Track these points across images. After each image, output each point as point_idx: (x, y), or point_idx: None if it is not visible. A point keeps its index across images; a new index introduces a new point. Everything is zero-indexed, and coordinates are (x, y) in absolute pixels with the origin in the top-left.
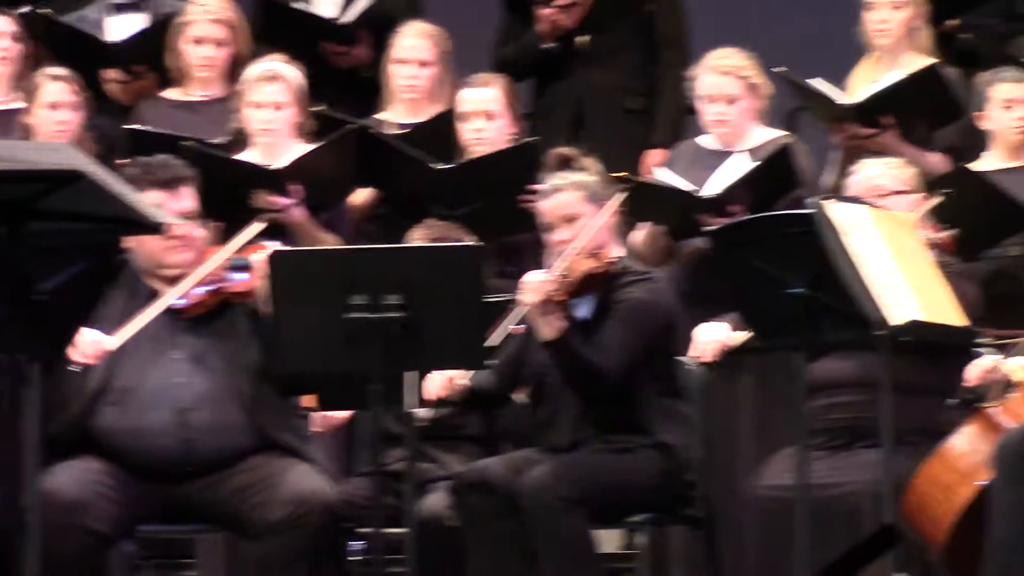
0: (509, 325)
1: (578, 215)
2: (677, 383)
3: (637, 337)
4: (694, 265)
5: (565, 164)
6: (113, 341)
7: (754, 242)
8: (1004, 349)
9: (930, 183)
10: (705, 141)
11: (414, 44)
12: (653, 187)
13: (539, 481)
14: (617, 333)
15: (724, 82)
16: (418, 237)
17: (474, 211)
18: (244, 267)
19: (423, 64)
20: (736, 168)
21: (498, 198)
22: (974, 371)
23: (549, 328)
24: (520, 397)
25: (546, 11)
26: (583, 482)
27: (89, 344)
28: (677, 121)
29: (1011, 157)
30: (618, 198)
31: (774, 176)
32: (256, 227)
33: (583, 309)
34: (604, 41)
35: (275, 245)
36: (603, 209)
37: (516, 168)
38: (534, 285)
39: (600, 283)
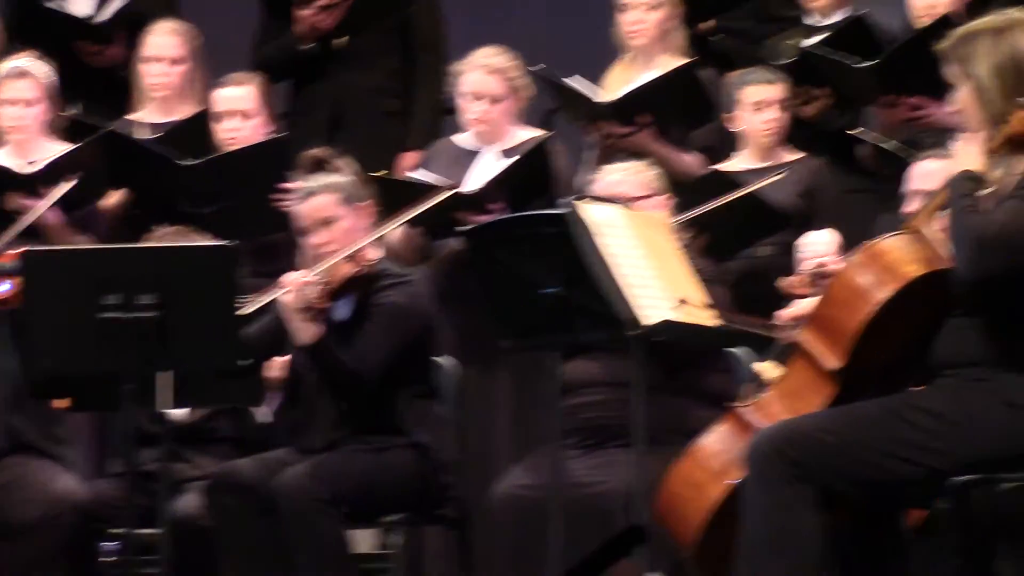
0: (264, 299)
1: (334, 217)
2: (433, 383)
3: (394, 341)
4: (450, 265)
5: (318, 166)
6: None
7: (508, 242)
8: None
9: (682, 185)
10: (463, 140)
11: (163, 42)
12: (408, 185)
13: (294, 482)
14: (374, 337)
15: (489, 81)
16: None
17: (223, 209)
18: (5, 273)
19: (173, 62)
20: (492, 166)
21: (248, 196)
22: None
23: (306, 332)
24: (263, 413)
25: (305, 12)
26: (338, 482)
27: None
28: (434, 123)
29: (761, 158)
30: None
31: (530, 174)
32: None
33: (341, 311)
34: (362, 43)
35: None
36: (358, 210)
37: (265, 165)
38: (294, 286)
39: (359, 285)
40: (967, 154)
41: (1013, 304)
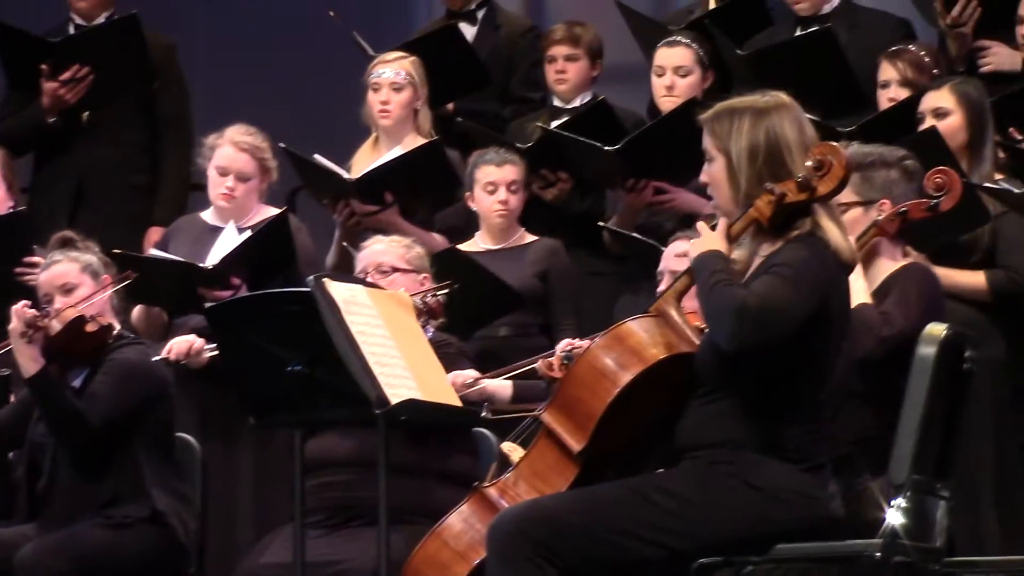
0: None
1: (75, 284)
2: (175, 457)
3: (124, 394)
4: None
5: (67, 244)
6: None
7: (253, 319)
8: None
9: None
10: (208, 216)
11: None
12: (150, 262)
13: (32, 558)
14: (104, 386)
15: (238, 157)
16: None
17: None
18: None
19: None
20: (231, 241)
21: None
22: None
23: (33, 363)
24: None
25: (49, 85)
26: (76, 558)
27: None
28: (180, 198)
29: (497, 240)
30: (119, 276)
31: (270, 250)
32: None
33: (77, 380)
34: (108, 117)
35: None
36: (100, 282)
37: (7, 239)
38: (20, 314)
39: (93, 351)
40: (709, 235)
41: (753, 387)
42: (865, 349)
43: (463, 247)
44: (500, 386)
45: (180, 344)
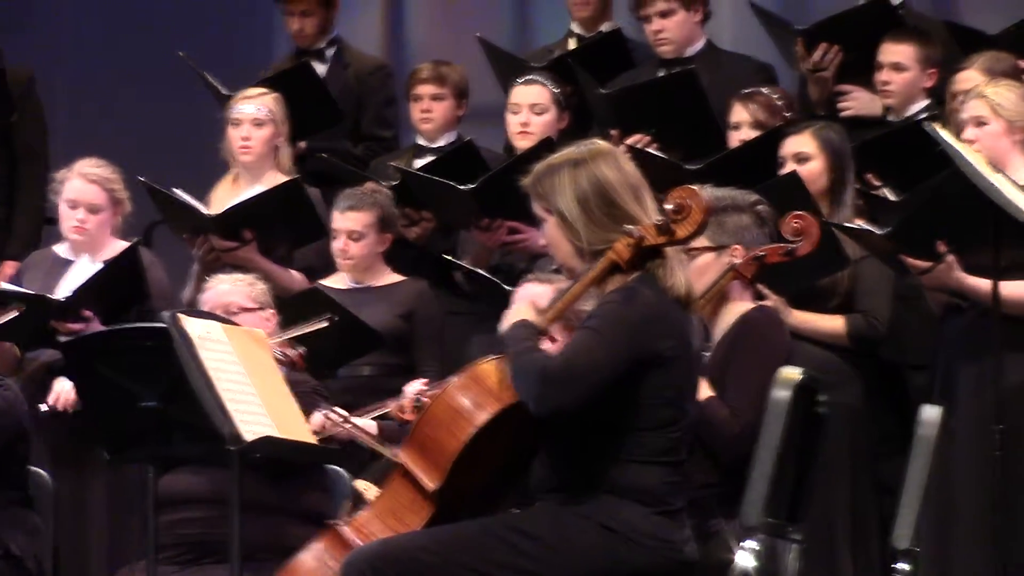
0: None
1: None
2: (27, 491)
3: None
4: (43, 375)
5: None
6: None
7: (107, 354)
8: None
9: (284, 301)
10: (61, 249)
11: None
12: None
13: None
14: None
15: (89, 190)
16: None
17: None
18: None
19: None
20: (84, 273)
21: None
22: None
23: None
24: None
25: None
26: None
27: None
28: (34, 233)
29: (358, 279)
30: None
31: (122, 283)
32: None
33: None
34: None
35: None
36: None
37: None
38: None
39: None
40: (518, 307)
41: (600, 431)
42: (719, 448)
43: (327, 283)
44: (366, 425)
45: (68, 395)
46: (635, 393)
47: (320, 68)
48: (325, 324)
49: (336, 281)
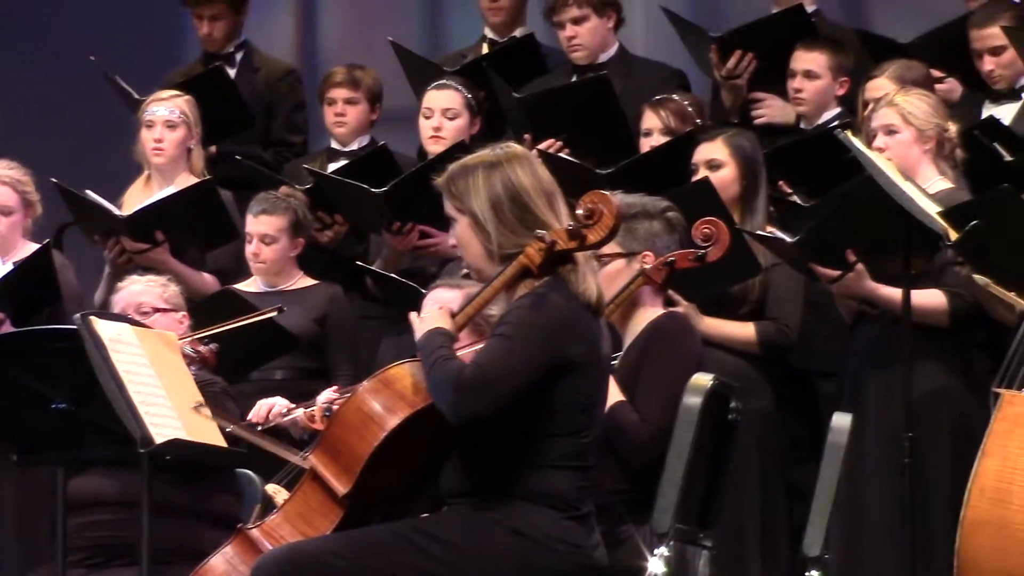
0: None
1: None
2: None
3: None
4: None
5: None
6: None
7: (17, 355)
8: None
9: (196, 304)
10: None
11: None
12: None
13: None
14: None
15: (2, 192)
16: None
17: None
18: None
19: None
20: None
21: None
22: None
23: None
24: None
25: None
26: None
27: None
28: None
29: (272, 282)
30: None
31: (33, 285)
32: None
33: None
34: None
35: None
36: None
37: None
38: None
39: None
40: (432, 314)
41: (510, 436)
42: (629, 454)
43: (240, 287)
44: (296, 416)
45: None
46: (548, 399)
47: (229, 72)
48: (275, 313)
49: (249, 285)
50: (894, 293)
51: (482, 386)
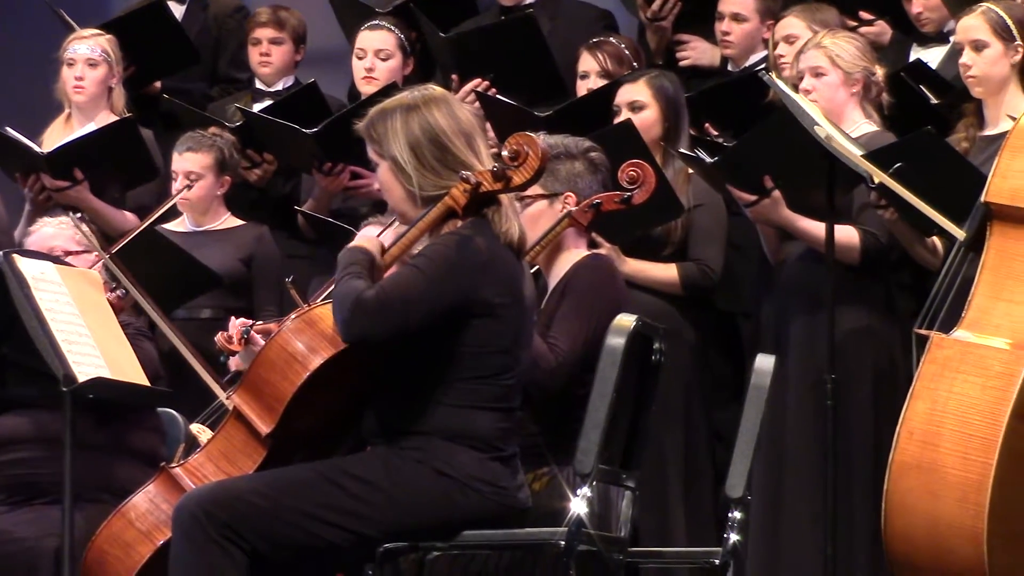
0: None
1: None
2: None
3: None
4: None
5: None
6: None
7: None
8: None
9: (122, 246)
10: None
11: None
12: None
13: None
14: None
15: None
16: None
17: None
18: None
19: None
20: None
21: None
22: None
23: None
24: None
25: None
26: None
27: None
28: None
29: (199, 222)
30: None
31: None
32: None
33: None
34: None
35: None
36: None
37: None
38: None
39: None
40: (367, 235)
41: (430, 375)
42: (535, 383)
43: (167, 226)
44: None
45: None
46: (467, 340)
47: (179, 9)
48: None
49: (176, 224)
50: (812, 226)
51: (378, 310)
